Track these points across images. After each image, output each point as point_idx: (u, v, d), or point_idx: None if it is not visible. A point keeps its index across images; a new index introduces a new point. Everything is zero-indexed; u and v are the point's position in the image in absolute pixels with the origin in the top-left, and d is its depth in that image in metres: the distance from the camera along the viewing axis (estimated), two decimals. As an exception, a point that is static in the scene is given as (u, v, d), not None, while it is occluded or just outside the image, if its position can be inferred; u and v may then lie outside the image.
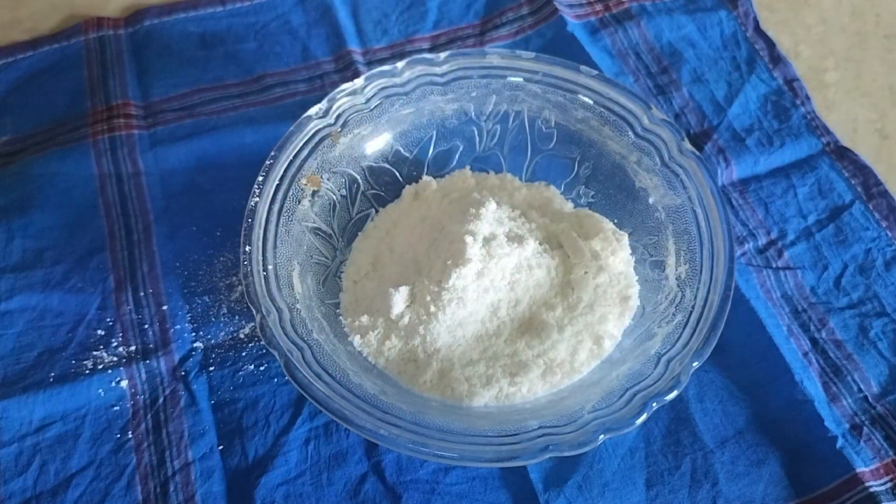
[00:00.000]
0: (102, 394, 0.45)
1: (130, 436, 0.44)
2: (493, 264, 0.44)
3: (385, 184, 0.51)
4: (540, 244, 0.46)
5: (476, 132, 0.52)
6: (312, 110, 0.47)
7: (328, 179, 0.49)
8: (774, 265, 0.51)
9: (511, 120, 0.51)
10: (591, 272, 0.46)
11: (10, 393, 0.45)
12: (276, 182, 0.46)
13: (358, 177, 0.50)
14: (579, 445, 0.37)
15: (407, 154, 0.51)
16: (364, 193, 0.50)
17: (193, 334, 0.48)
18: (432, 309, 0.43)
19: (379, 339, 0.44)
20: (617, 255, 0.46)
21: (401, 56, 0.60)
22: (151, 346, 0.47)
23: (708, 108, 0.58)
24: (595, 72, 0.49)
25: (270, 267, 0.43)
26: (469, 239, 0.43)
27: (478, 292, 0.44)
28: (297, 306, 0.43)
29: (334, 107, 0.48)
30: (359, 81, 0.49)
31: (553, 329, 0.44)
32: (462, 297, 0.43)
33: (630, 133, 0.48)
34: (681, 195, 0.46)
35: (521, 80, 0.50)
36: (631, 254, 0.48)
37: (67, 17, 0.63)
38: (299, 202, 0.47)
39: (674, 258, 0.46)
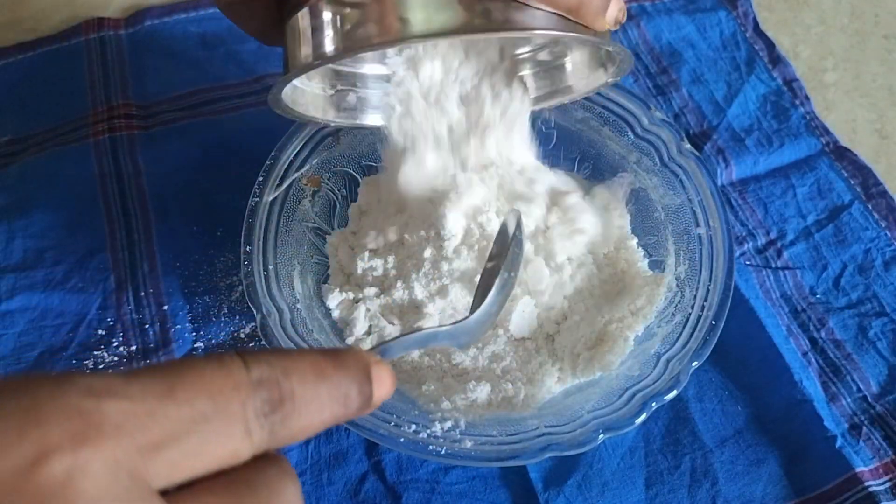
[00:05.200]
0: (103, 393, 0.45)
1: (131, 435, 0.44)
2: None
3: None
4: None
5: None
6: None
7: (328, 179, 0.49)
8: (774, 265, 0.51)
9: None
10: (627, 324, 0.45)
11: (10, 392, 0.45)
12: (277, 182, 0.46)
13: (358, 176, 0.50)
14: (579, 445, 0.37)
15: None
16: (364, 193, 0.51)
17: (194, 334, 0.48)
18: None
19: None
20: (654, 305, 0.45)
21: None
22: (152, 345, 0.47)
23: (707, 108, 0.58)
24: (595, 72, 0.49)
25: (271, 267, 0.43)
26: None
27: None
28: (298, 306, 0.43)
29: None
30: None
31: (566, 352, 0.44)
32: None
33: (630, 133, 0.48)
34: (680, 195, 0.46)
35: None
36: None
37: (68, 17, 0.63)
38: (299, 202, 0.47)
39: (673, 258, 0.46)
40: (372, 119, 0.45)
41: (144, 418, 0.17)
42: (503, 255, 0.38)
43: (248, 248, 0.43)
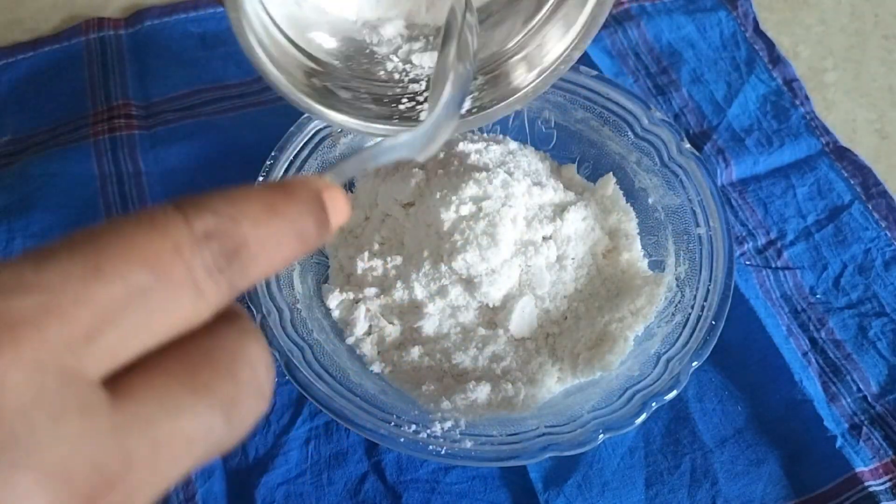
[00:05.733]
0: (103, 393, 0.45)
1: (131, 435, 0.44)
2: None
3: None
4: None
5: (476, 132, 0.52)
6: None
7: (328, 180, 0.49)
8: (774, 265, 0.51)
9: (511, 120, 0.51)
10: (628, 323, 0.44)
11: (10, 392, 0.45)
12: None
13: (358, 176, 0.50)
14: (579, 445, 0.37)
15: (407, 154, 0.51)
16: (364, 193, 0.51)
17: (194, 334, 0.48)
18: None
19: (380, 344, 0.44)
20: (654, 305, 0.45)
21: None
22: (152, 345, 0.47)
23: (707, 108, 0.58)
24: (594, 72, 0.49)
25: (271, 267, 0.43)
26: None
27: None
28: (298, 306, 0.43)
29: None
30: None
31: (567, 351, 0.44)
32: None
33: (630, 133, 0.48)
34: (680, 195, 0.46)
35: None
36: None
37: (68, 17, 0.63)
38: (299, 202, 0.47)
39: (673, 258, 0.46)
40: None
41: (68, 307, 0.14)
42: (451, 42, 0.34)
43: (248, 248, 0.43)
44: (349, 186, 0.50)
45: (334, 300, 0.45)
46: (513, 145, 0.50)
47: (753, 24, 0.63)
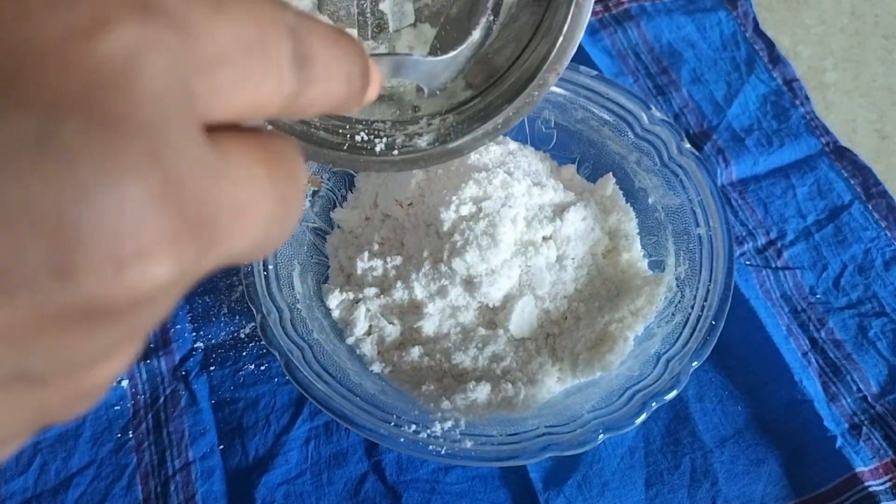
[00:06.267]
0: (103, 393, 0.45)
1: (131, 435, 0.44)
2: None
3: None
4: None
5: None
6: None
7: (328, 179, 0.49)
8: (774, 265, 0.51)
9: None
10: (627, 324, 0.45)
11: (10, 393, 0.45)
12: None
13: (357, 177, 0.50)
14: (579, 445, 0.37)
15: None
16: (364, 193, 0.51)
17: (194, 334, 0.48)
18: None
19: (382, 344, 0.44)
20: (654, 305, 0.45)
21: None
22: (152, 345, 0.47)
23: (707, 108, 0.58)
24: (594, 72, 0.49)
25: (271, 267, 0.43)
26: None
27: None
28: (298, 306, 0.43)
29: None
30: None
31: (567, 351, 0.44)
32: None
33: (629, 133, 0.48)
34: (680, 195, 0.46)
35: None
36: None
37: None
38: (299, 202, 0.47)
39: (673, 258, 0.46)
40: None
41: (194, 28, 0.14)
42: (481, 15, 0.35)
43: (248, 248, 0.43)
44: (349, 187, 0.50)
45: (334, 300, 0.45)
46: (513, 145, 0.50)
47: (753, 24, 0.63)
